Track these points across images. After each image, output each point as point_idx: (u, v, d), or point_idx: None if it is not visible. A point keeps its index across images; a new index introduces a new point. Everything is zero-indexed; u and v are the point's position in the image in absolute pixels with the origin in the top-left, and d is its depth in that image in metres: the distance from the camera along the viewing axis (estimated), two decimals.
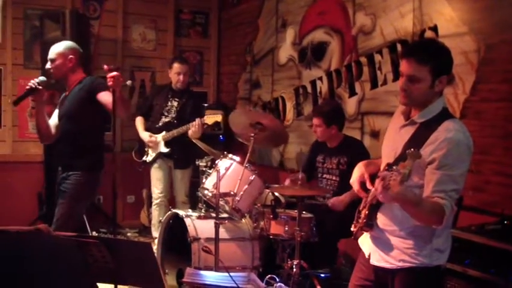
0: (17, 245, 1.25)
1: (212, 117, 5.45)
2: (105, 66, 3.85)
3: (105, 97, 4.09)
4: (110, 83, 3.81)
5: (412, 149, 2.38)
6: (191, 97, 6.08)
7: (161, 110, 6.01)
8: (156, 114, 6.04)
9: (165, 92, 6.08)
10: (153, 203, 6.14)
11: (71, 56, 4.34)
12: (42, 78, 4.18)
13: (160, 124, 5.98)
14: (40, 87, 4.13)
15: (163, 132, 5.91)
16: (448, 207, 2.53)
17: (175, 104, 5.99)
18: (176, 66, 5.98)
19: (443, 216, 2.54)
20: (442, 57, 2.72)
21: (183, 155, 5.90)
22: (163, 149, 5.90)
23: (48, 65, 4.36)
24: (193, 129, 5.49)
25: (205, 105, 7.24)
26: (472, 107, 4.04)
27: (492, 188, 3.88)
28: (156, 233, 5.86)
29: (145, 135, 5.97)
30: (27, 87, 4.14)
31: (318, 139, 4.93)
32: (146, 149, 6.06)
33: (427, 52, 2.70)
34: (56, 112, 4.49)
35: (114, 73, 3.80)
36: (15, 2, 6.70)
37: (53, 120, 4.44)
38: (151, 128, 6.03)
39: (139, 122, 6.15)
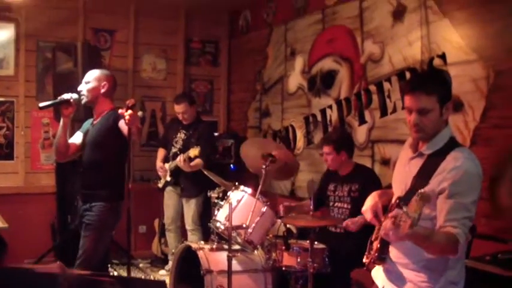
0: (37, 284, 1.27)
1: (192, 151, 5.67)
2: (127, 102, 3.83)
3: (124, 124, 4.02)
4: (126, 122, 3.80)
5: (423, 191, 2.36)
6: (197, 128, 6.28)
7: (172, 141, 6.36)
8: (169, 145, 6.39)
9: (176, 124, 6.42)
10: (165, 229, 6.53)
11: (104, 83, 4.39)
12: (76, 95, 4.25)
13: (170, 154, 6.33)
14: (72, 101, 4.20)
15: (170, 162, 6.24)
16: (461, 236, 2.52)
17: (182, 135, 6.31)
18: (175, 106, 6.37)
19: (457, 245, 2.53)
20: (446, 84, 2.80)
21: (189, 185, 6.18)
22: (168, 178, 6.28)
23: (81, 87, 4.38)
24: (179, 164, 5.83)
25: (216, 134, 7.30)
26: (482, 134, 4.03)
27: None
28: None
29: (157, 164, 6.44)
30: (61, 97, 4.21)
31: (329, 168, 4.92)
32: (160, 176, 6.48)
33: (432, 82, 2.75)
34: (77, 134, 4.53)
35: (130, 112, 3.77)
36: (28, 34, 6.78)
37: (72, 140, 4.47)
38: (167, 158, 6.41)
39: (159, 152, 6.57)
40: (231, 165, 6.88)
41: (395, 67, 4.83)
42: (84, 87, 4.37)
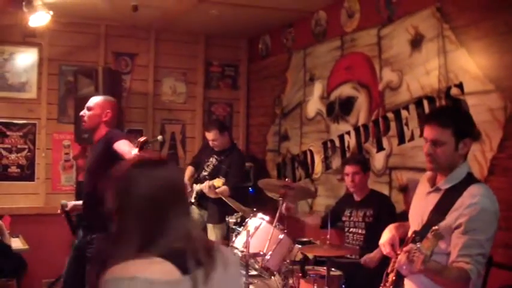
0: None
1: (217, 181, 5.82)
2: (139, 139, 3.78)
3: (121, 147, 3.97)
4: None
5: (437, 228, 2.40)
6: (229, 156, 6.26)
7: (203, 164, 6.37)
8: (200, 167, 6.42)
9: (210, 148, 6.38)
10: None
11: (108, 111, 4.29)
12: (64, 202, 4.53)
13: (200, 177, 6.32)
14: (68, 209, 4.50)
15: (198, 185, 6.19)
16: (473, 272, 2.54)
17: (213, 160, 6.30)
18: (206, 134, 6.37)
19: (468, 282, 2.56)
20: (463, 119, 2.81)
21: (215, 211, 6.12)
22: (192, 199, 6.22)
23: (83, 112, 4.34)
24: (204, 189, 5.86)
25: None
26: (499, 164, 4.03)
27: None
28: None
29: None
30: (63, 215, 4.59)
31: (352, 188, 4.92)
32: None
33: (448, 115, 2.79)
34: None
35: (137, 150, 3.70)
36: (51, 58, 6.91)
37: None
38: (196, 179, 6.42)
39: (187, 170, 6.60)
40: (250, 189, 6.90)
41: (413, 95, 4.84)
42: (86, 113, 4.30)
